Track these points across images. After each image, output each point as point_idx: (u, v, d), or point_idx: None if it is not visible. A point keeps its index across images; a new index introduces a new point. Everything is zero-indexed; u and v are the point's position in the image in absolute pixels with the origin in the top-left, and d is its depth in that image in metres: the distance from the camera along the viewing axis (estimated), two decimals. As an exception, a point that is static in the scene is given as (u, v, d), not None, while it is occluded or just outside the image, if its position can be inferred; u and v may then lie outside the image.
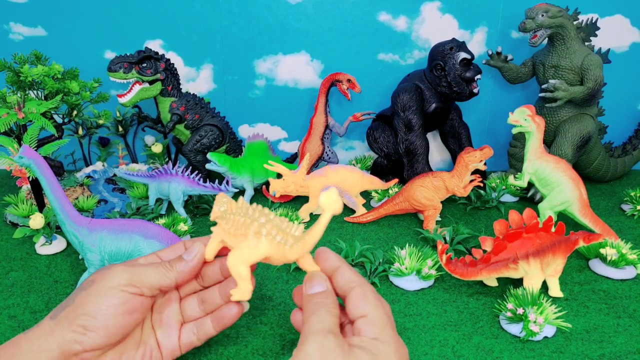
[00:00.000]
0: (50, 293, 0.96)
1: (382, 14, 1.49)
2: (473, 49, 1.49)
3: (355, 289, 0.52)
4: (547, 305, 0.85)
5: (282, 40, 1.51)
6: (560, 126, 1.37)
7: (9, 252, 1.10)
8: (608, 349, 0.82)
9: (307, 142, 1.46)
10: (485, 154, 1.17)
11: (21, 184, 1.29)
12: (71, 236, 0.90)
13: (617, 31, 1.52)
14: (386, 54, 1.53)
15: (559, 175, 1.10)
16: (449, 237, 1.13)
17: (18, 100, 1.12)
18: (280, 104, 1.58)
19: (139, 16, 1.47)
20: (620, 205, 1.37)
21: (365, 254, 1.06)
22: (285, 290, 0.98)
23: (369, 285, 0.54)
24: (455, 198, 1.39)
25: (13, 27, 1.47)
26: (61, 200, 0.88)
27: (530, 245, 0.92)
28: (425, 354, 0.81)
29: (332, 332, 0.48)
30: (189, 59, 1.53)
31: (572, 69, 1.33)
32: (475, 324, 0.89)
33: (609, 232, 1.11)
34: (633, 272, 1.03)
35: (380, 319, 0.50)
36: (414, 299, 0.95)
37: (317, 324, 0.49)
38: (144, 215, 1.23)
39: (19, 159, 0.87)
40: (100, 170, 1.37)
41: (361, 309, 0.51)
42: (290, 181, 1.22)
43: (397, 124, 1.39)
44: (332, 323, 0.50)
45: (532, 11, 1.30)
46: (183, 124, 1.38)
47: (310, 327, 0.49)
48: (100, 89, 1.41)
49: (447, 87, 1.35)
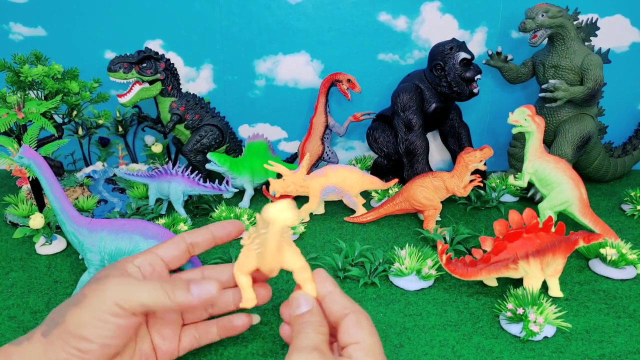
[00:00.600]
0: (50, 293, 0.96)
1: (382, 14, 1.49)
2: (473, 49, 1.49)
3: (350, 315, 0.51)
4: (547, 305, 0.85)
5: (282, 40, 1.51)
6: (560, 126, 1.37)
7: (9, 252, 1.10)
8: (608, 349, 0.82)
9: (307, 142, 1.46)
10: (485, 154, 1.17)
11: (21, 184, 1.29)
12: (71, 236, 0.90)
13: (617, 31, 1.52)
14: (386, 54, 1.53)
15: (559, 175, 1.10)
16: (449, 237, 1.13)
17: (18, 100, 1.12)
18: (280, 104, 1.58)
19: (139, 16, 1.47)
20: (620, 205, 1.37)
21: (365, 254, 1.06)
22: (285, 290, 0.98)
23: (363, 313, 0.52)
24: (455, 198, 1.39)
25: (13, 27, 1.47)
26: (61, 200, 0.88)
27: (530, 245, 0.92)
28: (425, 354, 0.81)
29: (318, 349, 0.48)
30: (189, 59, 1.53)
31: (572, 69, 1.33)
32: (475, 324, 0.89)
33: (609, 232, 1.11)
34: (633, 272, 1.03)
35: (373, 348, 0.49)
36: (414, 299, 0.95)
37: (303, 342, 0.49)
38: (144, 215, 1.23)
39: (19, 159, 0.87)
40: (100, 170, 1.37)
41: (354, 336, 0.50)
42: (290, 181, 1.22)
43: (397, 124, 1.39)
44: (319, 340, 0.49)
45: (532, 11, 1.30)
46: (183, 124, 1.38)
47: (296, 345, 0.49)
48: (100, 89, 1.41)
49: (447, 87, 1.35)
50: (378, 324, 0.88)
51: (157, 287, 0.53)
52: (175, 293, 0.53)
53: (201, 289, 0.54)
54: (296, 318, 0.52)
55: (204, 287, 0.54)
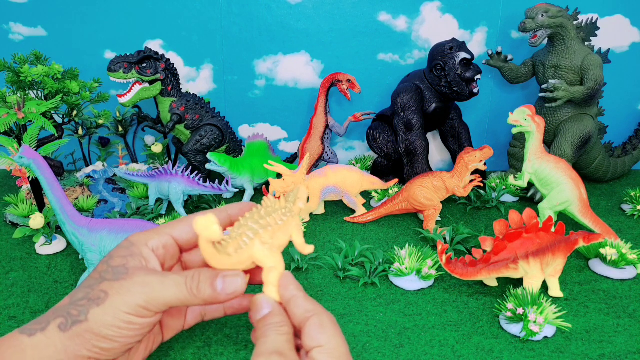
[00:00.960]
0: (50, 293, 0.96)
1: (382, 14, 1.49)
2: (473, 49, 1.49)
3: (312, 318, 0.49)
4: (547, 305, 0.85)
5: (282, 40, 1.51)
6: (560, 126, 1.37)
7: (9, 252, 1.10)
8: (608, 349, 0.82)
9: (307, 142, 1.46)
10: (485, 154, 1.17)
11: (21, 184, 1.29)
12: (71, 236, 0.90)
13: (617, 31, 1.52)
14: (386, 54, 1.53)
15: (559, 175, 1.10)
16: (449, 237, 1.13)
17: (18, 100, 1.12)
18: (280, 104, 1.58)
19: (139, 16, 1.47)
20: (620, 205, 1.37)
21: (365, 254, 1.06)
22: (285, 290, 0.98)
23: (326, 314, 0.50)
24: (455, 198, 1.39)
25: (13, 27, 1.47)
26: (61, 200, 0.88)
27: (530, 245, 0.92)
28: (425, 354, 0.81)
29: (277, 352, 0.47)
30: (189, 59, 1.53)
31: (572, 69, 1.33)
32: (475, 324, 0.89)
33: (609, 232, 1.11)
34: (633, 272, 1.03)
35: (337, 350, 0.47)
36: (414, 299, 0.95)
37: (263, 346, 0.48)
38: (144, 215, 1.23)
39: (19, 159, 0.87)
40: (100, 170, 1.37)
41: (317, 339, 0.48)
42: (290, 181, 1.22)
43: (397, 124, 1.39)
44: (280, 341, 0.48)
45: (532, 11, 1.30)
46: (183, 124, 1.38)
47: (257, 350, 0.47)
48: (100, 89, 1.41)
49: (447, 87, 1.35)
50: (378, 324, 0.88)
51: (181, 284, 0.51)
52: (200, 289, 0.51)
53: (227, 283, 0.51)
54: (258, 322, 0.51)
55: (231, 281, 0.51)
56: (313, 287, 0.99)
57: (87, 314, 0.50)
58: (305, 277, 1.02)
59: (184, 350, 0.81)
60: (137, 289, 0.50)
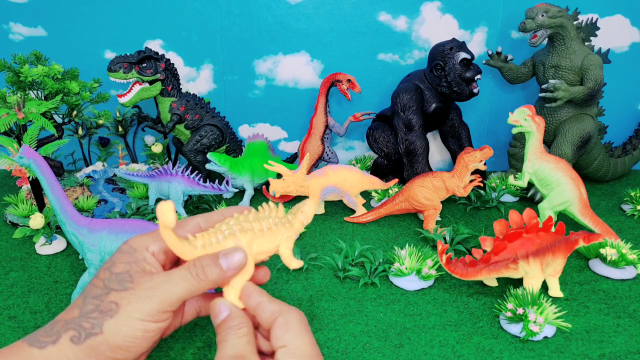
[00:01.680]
0: (50, 293, 0.96)
1: (382, 14, 1.49)
2: (473, 49, 1.49)
3: (277, 319, 0.49)
4: (547, 305, 0.85)
5: (282, 40, 1.51)
6: (560, 126, 1.37)
7: (9, 252, 1.10)
8: (608, 349, 0.82)
9: (307, 142, 1.46)
10: (485, 154, 1.17)
11: (21, 184, 1.29)
12: (71, 236, 0.90)
13: (617, 31, 1.52)
14: (386, 54, 1.53)
15: (559, 175, 1.10)
16: (449, 237, 1.13)
17: (18, 101, 1.12)
18: (280, 104, 1.58)
19: (139, 16, 1.47)
20: (620, 205, 1.37)
21: (365, 254, 1.06)
22: (285, 290, 0.98)
23: (293, 313, 0.49)
24: (455, 198, 1.39)
25: (13, 27, 1.47)
26: (61, 200, 0.88)
27: (530, 245, 0.92)
28: (425, 354, 0.81)
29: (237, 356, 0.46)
30: (189, 59, 1.53)
31: (572, 69, 1.33)
32: (475, 324, 0.89)
33: (609, 232, 1.11)
34: (633, 272, 1.03)
35: (302, 349, 0.46)
36: (414, 299, 0.95)
37: (222, 351, 0.47)
38: (144, 215, 1.23)
39: (19, 159, 0.87)
40: (100, 170, 1.37)
41: (281, 339, 0.47)
42: (290, 181, 1.22)
43: (397, 124, 1.39)
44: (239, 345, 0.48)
45: (532, 11, 1.30)
46: (183, 124, 1.38)
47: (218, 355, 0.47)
48: (100, 89, 1.41)
49: (447, 87, 1.35)
50: (378, 324, 0.88)
51: (187, 275, 0.51)
52: (207, 273, 0.51)
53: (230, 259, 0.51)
54: (218, 327, 0.50)
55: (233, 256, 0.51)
56: (313, 287, 0.99)
57: (102, 326, 0.49)
58: (305, 277, 1.02)
59: (184, 350, 0.81)
60: (147, 294, 0.50)
